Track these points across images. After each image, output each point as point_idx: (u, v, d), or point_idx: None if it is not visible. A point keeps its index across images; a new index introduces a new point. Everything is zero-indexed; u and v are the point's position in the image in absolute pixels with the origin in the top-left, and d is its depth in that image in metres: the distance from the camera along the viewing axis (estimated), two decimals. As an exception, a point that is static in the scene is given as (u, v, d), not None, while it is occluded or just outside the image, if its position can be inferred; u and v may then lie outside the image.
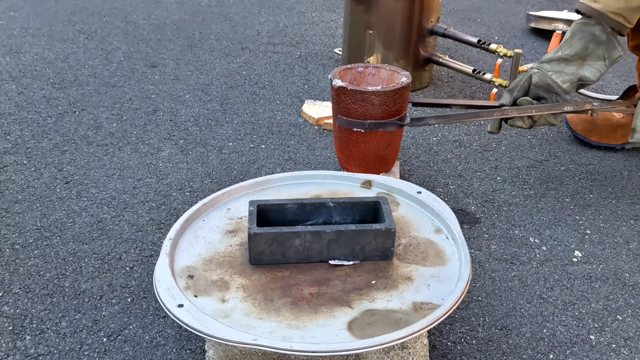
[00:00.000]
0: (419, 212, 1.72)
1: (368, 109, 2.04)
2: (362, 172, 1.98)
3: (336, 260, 1.53)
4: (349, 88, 2.02)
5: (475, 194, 2.35)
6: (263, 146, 2.64)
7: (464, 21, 4.25)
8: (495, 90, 2.85)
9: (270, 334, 1.31)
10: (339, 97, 2.03)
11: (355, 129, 2.07)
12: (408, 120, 2.14)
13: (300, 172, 1.86)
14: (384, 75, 2.19)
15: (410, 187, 1.78)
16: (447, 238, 1.61)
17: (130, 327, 1.71)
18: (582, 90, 3.02)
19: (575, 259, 2.02)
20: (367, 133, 2.07)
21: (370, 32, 2.74)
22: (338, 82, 2.06)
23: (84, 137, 2.66)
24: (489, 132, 2.21)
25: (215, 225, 1.65)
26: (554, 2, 4.76)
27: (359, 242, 1.51)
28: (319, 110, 2.84)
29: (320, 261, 1.53)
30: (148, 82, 3.18)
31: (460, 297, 1.38)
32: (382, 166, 2.18)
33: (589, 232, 2.14)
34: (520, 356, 1.63)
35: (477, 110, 2.15)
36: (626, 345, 1.68)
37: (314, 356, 1.25)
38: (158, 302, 1.75)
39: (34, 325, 1.71)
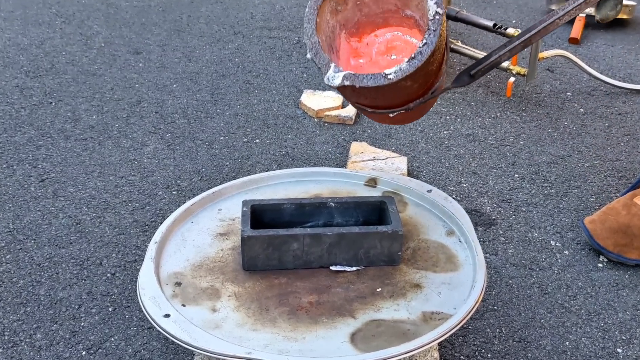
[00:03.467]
0: (429, 213, 1.71)
1: (400, 97, 1.58)
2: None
3: (338, 266, 1.53)
4: (357, 86, 1.51)
5: (491, 193, 2.35)
6: (257, 140, 2.63)
7: (478, 3, 4.25)
8: (512, 79, 2.85)
9: (266, 346, 1.31)
10: (358, 98, 1.59)
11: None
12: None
13: (299, 169, 1.85)
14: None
15: (420, 186, 1.78)
16: (460, 241, 1.61)
17: (112, 339, 1.71)
18: (610, 80, 3.02)
19: (600, 265, 2.02)
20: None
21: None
22: (338, 79, 1.50)
23: (61, 131, 2.65)
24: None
25: (205, 228, 1.65)
26: (577, -18, 4.76)
27: (363, 245, 1.51)
28: (319, 101, 2.84)
29: (321, 267, 1.53)
30: (131, 71, 3.18)
31: (474, 306, 1.38)
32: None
33: (615, 234, 2.14)
34: (540, 371, 1.64)
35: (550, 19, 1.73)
36: (656, 359, 1.69)
37: (314, 371, 1.25)
38: (142, 311, 1.75)
39: (6, 337, 1.71)
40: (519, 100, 2.97)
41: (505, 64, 2.91)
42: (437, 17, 1.44)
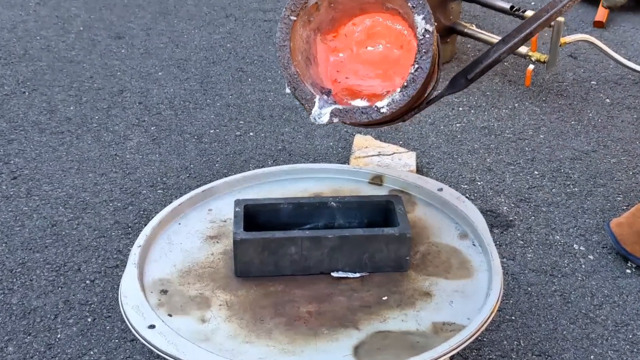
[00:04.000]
0: (440, 214, 1.71)
1: (394, 114, 1.56)
2: None
3: (340, 272, 1.53)
4: (347, 122, 1.52)
5: (508, 192, 2.34)
6: (251, 134, 2.63)
7: (493, -17, 4.25)
8: (531, 66, 2.85)
9: (260, 361, 1.31)
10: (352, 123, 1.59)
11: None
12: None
13: (297, 166, 1.85)
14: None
15: (430, 184, 1.77)
16: (474, 245, 1.61)
17: (91, 352, 1.71)
18: (638, 68, 3.01)
19: (628, 271, 2.01)
20: None
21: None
22: (325, 117, 1.51)
23: (36, 124, 2.65)
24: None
25: (193, 230, 1.65)
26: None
27: (368, 250, 1.51)
28: (319, 90, 2.84)
29: (321, 273, 1.52)
30: (113, 57, 3.17)
31: (489, 317, 1.37)
32: None
33: (645, 237, 2.14)
34: (562, 387, 1.64)
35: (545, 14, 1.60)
36: (690, 374, 1.69)
37: (313, 388, 1.25)
38: (124, 322, 1.74)
39: (-25, 351, 1.71)
40: (539, 89, 2.97)
41: (523, 50, 2.90)
42: (427, 36, 1.43)
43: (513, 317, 1.84)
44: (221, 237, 1.63)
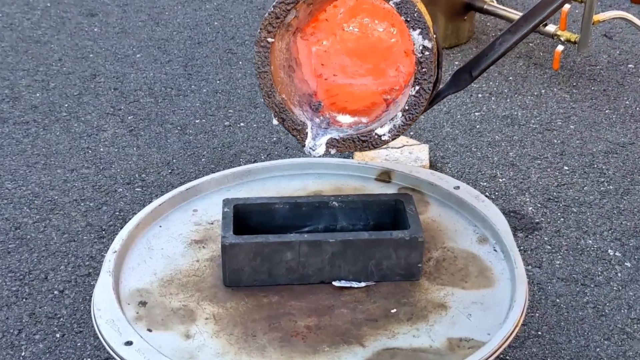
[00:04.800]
0: (456, 215, 1.71)
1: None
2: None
3: (342, 281, 1.53)
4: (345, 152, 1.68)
5: (534, 190, 2.34)
6: (242, 124, 2.63)
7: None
8: (560, 47, 2.85)
9: (252, 382, 1.31)
10: None
11: None
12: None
13: (294, 160, 1.85)
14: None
15: (445, 181, 1.77)
16: (495, 250, 1.61)
17: (60, 372, 1.71)
18: None
19: (670, 279, 2.02)
20: None
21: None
22: (321, 148, 1.56)
23: (-3, 112, 2.66)
24: None
25: (176, 233, 1.65)
26: None
27: (374, 256, 1.51)
28: (319, 74, 2.84)
29: (321, 282, 1.53)
30: (84, 37, 3.17)
31: (512, 332, 1.37)
32: None
33: (689, 242, 2.15)
34: (594, 412, 1.64)
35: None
36: None
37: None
38: (98, 338, 1.74)
39: None
40: (569, 73, 2.97)
41: (552, 29, 2.90)
42: (427, 53, 1.44)
43: (539, 333, 1.84)
44: (208, 241, 1.63)
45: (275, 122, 1.52)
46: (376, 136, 1.49)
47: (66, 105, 2.70)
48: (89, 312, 1.83)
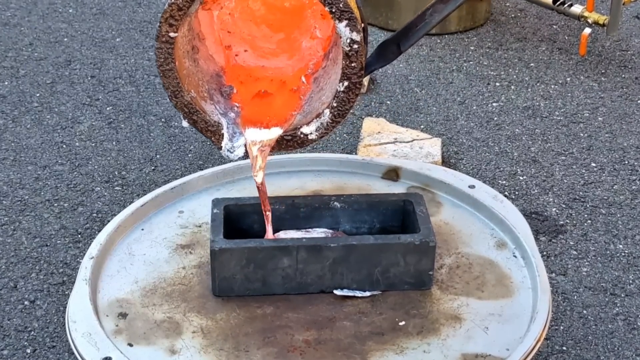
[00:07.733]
0: (472, 217, 1.71)
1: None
2: None
3: (345, 290, 1.53)
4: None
5: (558, 189, 2.34)
6: (233, 116, 2.63)
7: None
8: (588, 30, 2.84)
9: (245, 402, 1.31)
10: None
11: None
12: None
13: (291, 156, 1.85)
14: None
15: (459, 179, 1.78)
16: (515, 256, 1.61)
17: (32, 391, 1.71)
18: None
19: None
20: None
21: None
22: (239, 150, 1.58)
23: (-39, 103, 2.66)
24: None
25: (160, 237, 1.65)
26: None
27: (380, 262, 1.51)
28: (319, 61, 2.83)
29: (321, 291, 1.53)
30: (58, 19, 3.17)
31: (534, 347, 1.37)
32: None
33: None
34: None
35: None
36: None
37: None
38: (73, 353, 1.75)
39: None
40: (597, 59, 2.97)
41: (578, 10, 2.90)
42: (356, 46, 1.43)
43: (564, 348, 1.84)
44: (195, 246, 1.63)
45: (185, 124, 1.52)
46: (302, 135, 1.50)
47: (38, 94, 2.70)
48: (63, 324, 1.83)
